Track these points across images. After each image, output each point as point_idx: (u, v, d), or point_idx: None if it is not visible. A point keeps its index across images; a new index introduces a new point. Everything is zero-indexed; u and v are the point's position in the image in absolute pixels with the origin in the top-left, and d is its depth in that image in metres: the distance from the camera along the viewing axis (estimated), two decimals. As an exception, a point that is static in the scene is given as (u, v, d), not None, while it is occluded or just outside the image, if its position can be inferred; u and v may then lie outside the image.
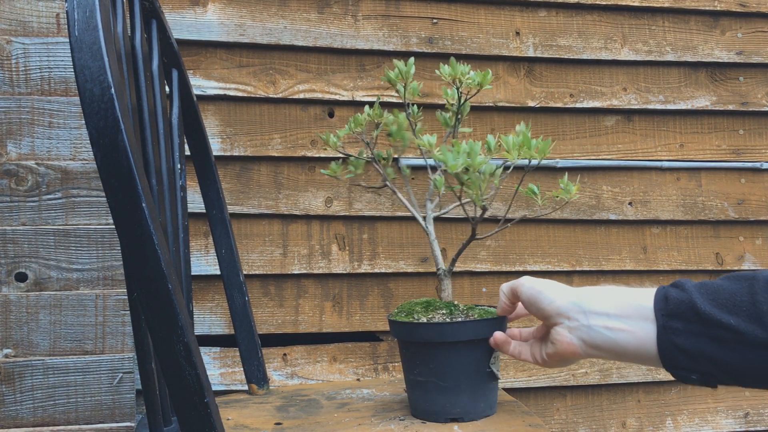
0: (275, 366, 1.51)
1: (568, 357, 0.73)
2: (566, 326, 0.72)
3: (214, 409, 0.63)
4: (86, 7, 0.60)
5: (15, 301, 1.35)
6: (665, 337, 0.63)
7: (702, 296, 0.62)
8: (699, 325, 0.62)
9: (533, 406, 1.61)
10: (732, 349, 0.60)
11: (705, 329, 0.61)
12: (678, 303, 0.63)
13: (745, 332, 0.60)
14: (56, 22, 1.39)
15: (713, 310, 0.61)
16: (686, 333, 0.62)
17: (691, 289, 0.63)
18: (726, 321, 0.60)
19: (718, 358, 0.61)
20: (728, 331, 0.60)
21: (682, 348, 0.63)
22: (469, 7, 1.59)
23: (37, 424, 1.34)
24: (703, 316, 0.61)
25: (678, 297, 0.63)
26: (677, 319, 0.63)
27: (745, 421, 1.69)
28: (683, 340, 0.63)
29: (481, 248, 1.58)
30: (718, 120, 1.70)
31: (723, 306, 0.61)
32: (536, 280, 0.78)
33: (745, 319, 0.60)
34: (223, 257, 1.13)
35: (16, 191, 1.36)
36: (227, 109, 1.50)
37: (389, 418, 0.93)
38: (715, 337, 0.61)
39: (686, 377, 0.64)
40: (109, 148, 0.58)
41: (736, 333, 0.60)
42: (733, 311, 0.60)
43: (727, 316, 0.60)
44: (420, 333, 0.88)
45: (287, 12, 1.51)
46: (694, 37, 1.68)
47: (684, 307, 0.63)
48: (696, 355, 0.62)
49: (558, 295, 0.74)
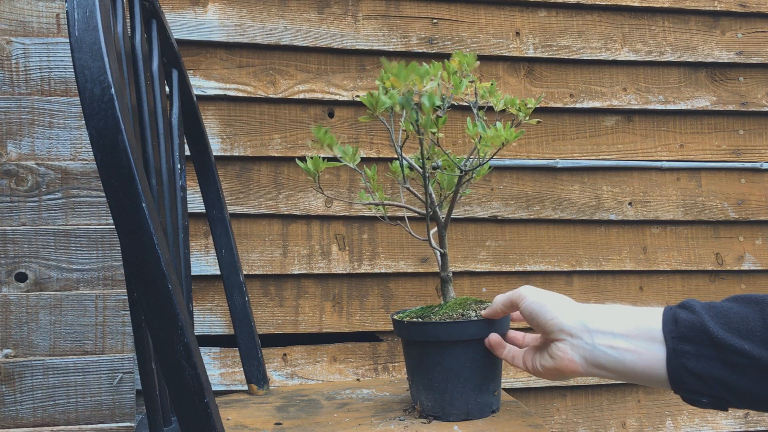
0: (275, 366, 1.51)
1: (566, 374, 0.72)
2: (569, 343, 0.70)
3: (214, 409, 0.63)
4: (86, 7, 0.60)
5: (15, 301, 1.35)
6: (675, 360, 0.63)
7: (713, 320, 0.62)
8: (711, 349, 0.61)
9: (533, 406, 1.61)
10: (745, 374, 0.60)
11: (718, 354, 0.61)
12: (689, 326, 0.63)
13: (760, 358, 0.59)
14: (56, 22, 1.39)
15: (726, 335, 0.61)
16: (698, 357, 0.62)
17: (702, 312, 0.63)
18: (740, 346, 0.60)
19: (731, 383, 0.61)
20: (742, 356, 0.60)
21: (693, 371, 0.62)
22: (469, 7, 1.59)
23: (37, 424, 1.34)
24: (716, 340, 0.61)
25: (688, 320, 0.63)
26: (688, 342, 0.63)
27: (745, 421, 1.69)
28: (694, 364, 0.62)
29: (481, 248, 1.58)
30: (718, 120, 1.70)
31: (735, 330, 0.61)
32: (538, 293, 0.77)
33: (759, 344, 0.60)
34: (223, 257, 1.13)
35: (16, 191, 1.36)
36: (227, 109, 1.50)
37: (389, 418, 0.93)
38: (727, 362, 0.61)
39: (697, 400, 0.64)
40: (109, 148, 0.58)
41: (750, 358, 0.60)
42: (747, 336, 0.60)
43: (740, 342, 0.60)
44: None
45: (287, 12, 1.51)
46: (694, 37, 1.68)
47: (695, 331, 0.62)
48: (708, 378, 0.62)
49: (561, 311, 0.72)
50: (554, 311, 0.72)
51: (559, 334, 0.71)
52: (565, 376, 0.73)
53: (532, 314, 0.75)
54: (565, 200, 1.62)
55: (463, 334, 0.87)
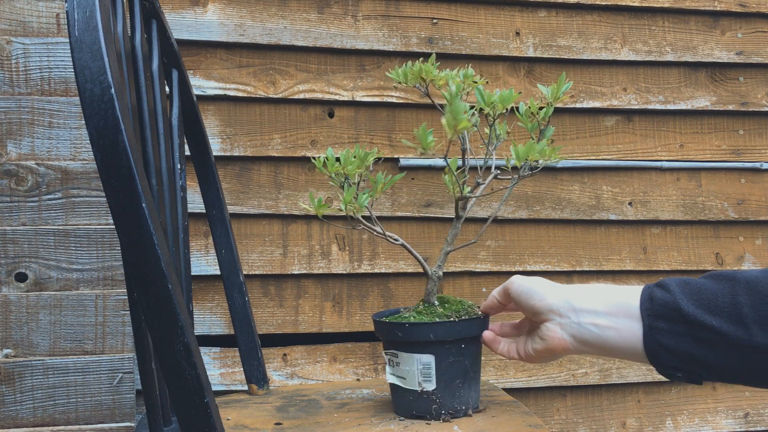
0: (275, 366, 1.51)
1: (557, 352, 0.75)
2: (557, 323, 0.74)
3: (214, 409, 0.63)
4: (86, 7, 0.60)
5: (15, 301, 1.35)
6: (651, 336, 0.66)
7: (686, 297, 0.64)
8: (683, 325, 0.64)
9: (533, 406, 1.61)
10: (715, 349, 0.63)
11: (689, 330, 0.64)
12: (663, 304, 0.65)
13: (727, 333, 0.62)
14: (56, 22, 1.39)
15: (696, 311, 0.63)
16: (671, 333, 0.65)
17: (675, 290, 0.65)
18: (708, 322, 0.63)
19: (702, 358, 0.64)
20: (711, 332, 0.63)
21: (667, 347, 0.65)
22: (469, 7, 1.59)
23: (37, 424, 1.34)
24: (687, 317, 0.64)
25: (663, 298, 0.66)
26: (662, 319, 0.65)
27: (745, 422, 1.69)
28: (668, 340, 0.65)
29: (481, 248, 1.58)
30: (718, 120, 1.70)
31: (705, 307, 0.63)
32: (527, 278, 0.80)
33: (726, 320, 0.62)
34: (223, 257, 1.13)
35: (16, 191, 1.36)
36: (227, 109, 1.50)
37: (389, 418, 0.93)
38: (698, 338, 0.63)
39: (672, 375, 0.67)
40: (109, 148, 0.58)
41: (718, 334, 0.62)
42: (716, 312, 0.63)
43: (709, 318, 0.63)
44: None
45: (287, 12, 1.51)
46: (694, 37, 1.68)
47: (669, 309, 0.65)
48: (680, 354, 0.64)
49: (549, 293, 0.75)
50: (542, 293, 0.76)
51: (548, 314, 0.74)
52: (557, 354, 0.76)
53: (521, 297, 0.78)
54: (565, 200, 1.62)
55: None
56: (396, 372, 0.91)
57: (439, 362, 0.89)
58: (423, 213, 1.56)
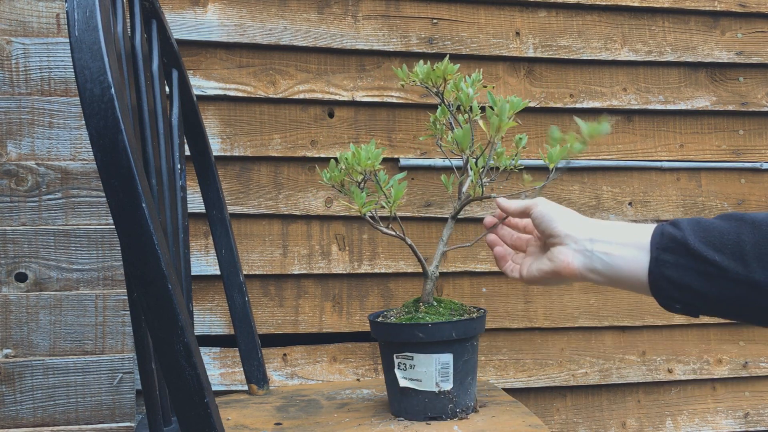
0: (275, 366, 1.51)
1: (564, 276, 0.78)
2: (571, 248, 0.77)
3: (214, 409, 0.63)
4: (86, 8, 0.60)
5: (15, 301, 1.35)
6: (656, 268, 0.69)
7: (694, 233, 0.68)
8: (688, 258, 0.67)
9: (533, 406, 1.61)
10: (715, 283, 0.66)
11: (693, 263, 0.67)
12: (671, 239, 0.69)
13: (728, 268, 0.65)
14: (56, 22, 1.39)
15: (701, 247, 0.67)
16: (675, 265, 0.68)
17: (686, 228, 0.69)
18: (711, 257, 0.66)
19: (701, 291, 0.67)
20: (713, 266, 0.66)
21: (670, 278, 0.68)
22: (469, 7, 1.59)
23: (37, 424, 1.34)
24: (693, 251, 0.67)
25: (672, 233, 0.69)
26: (669, 252, 0.69)
27: (745, 422, 1.69)
28: (672, 272, 0.68)
29: (481, 248, 1.58)
30: (718, 120, 1.70)
31: (711, 243, 0.66)
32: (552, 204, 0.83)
33: (729, 256, 0.65)
34: (223, 257, 1.13)
35: (16, 191, 1.36)
36: (227, 109, 1.50)
37: (389, 418, 0.93)
38: (700, 271, 0.67)
39: (671, 305, 0.70)
40: (109, 148, 0.58)
41: (719, 268, 0.65)
42: (720, 249, 0.66)
43: (713, 253, 0.66)
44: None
45: (287, 12, 1.51)
46: (694, 37, 1.68)
47: (676, 243, 0.68)
48: (682, 285, 0.68)
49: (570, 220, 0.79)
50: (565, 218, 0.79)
51: (565, 239, 0.78)
52: (561, 278, 0.79)
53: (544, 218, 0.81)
54: (565, 200, 1.62)
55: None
56: (409, 375, 0.91)
57: (456, 360, 0.89)
58: (423, 213, 1.56)
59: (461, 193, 1.00)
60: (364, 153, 0.91)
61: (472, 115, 0.96)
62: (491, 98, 0.94)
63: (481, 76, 0.99)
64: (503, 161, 0.95)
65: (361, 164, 0.91)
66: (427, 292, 0.96)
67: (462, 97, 0.94)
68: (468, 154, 0.94)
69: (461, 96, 0.94)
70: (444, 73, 0.97)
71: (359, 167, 0.91)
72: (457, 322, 0.89)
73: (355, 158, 0.92)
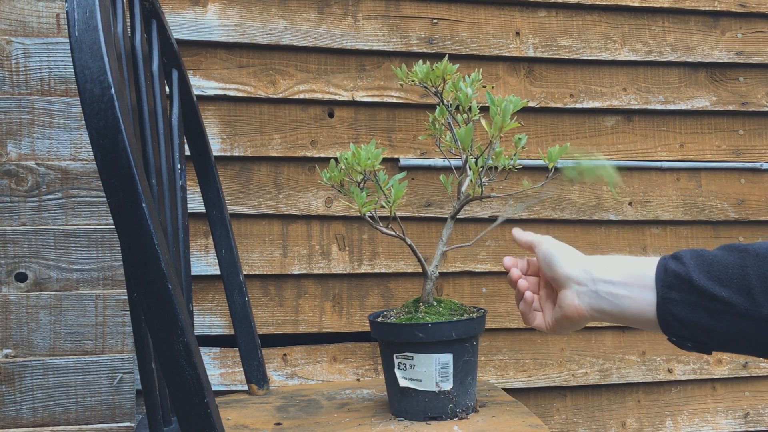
0: (275, 366, 1.51)
1: (575, 320, 0.76)
2: (575, 291, 0.75)
3: (214, 409, 0.63)
4: (86, 8, 0.60)
5: (15, 301, 1.35)
6: (663, 306, 0.68)
7: (698, 268, 0.67)
8: (694, 296, 0.66)
9: (533, 406, 1.61)
10: (723, 319, 0.65)
11: (699, 300, 0.66)
12: (675, 275, 0.68)
13: (735, 304, 0.64)
14: (56, 22, 1.39)
15: (707, 283, 0.65)
16: (682, 304, 0.67)
17: (689, 262, 0.68)
18: (718, 293, 0.65)
19: (711, 328, 0.66)
20: (720, 302, 0.65)
21: (678, 317, 0.67)
22: (469, 7, 1.59)
23: (37, 424, 1.34)
24: (698, 288, 0.66)
25: (676, 269, 0.68)
26: (675, 290, 0.67)
27: (745, 422, 1.69)
28: (679, 310, 0.67)
29: (481, 248, 1.58)
30: (718, 120, 1.70)
31: (716, 278, 0.65)
32: (554, 244, 0.82)
33: (735, 291, 0.64)
34: (223, 257, 1.13)
35: (16, 191, 1.36)
36: (227, 109, 1.50)
37: (389, 418, 0.93)
38: (708, 308, 0.65)
39: (682, 344, 0.69)
40: (109, 148, 0.58)
41: (726, 304, 0.64)
42: (725, 283, 0.65)
43: (719, 289, 0.65)
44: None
45: (287, 12, 1.51)
46: (694, 37, 1.68)
47: (681, 280, 0.67)
48: (690, 324, 0.67)
49: (570, 261, 0.77)
50: (564, 260, 0.78)
51: (567, 282, 0.76)
52: (574, 322, 0.77)
53: (545, 261, 0.80)
54: (565, 200, 1.62)
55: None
56: (409, 375, 0.91)
57: (456, 360, 0.89)
58: (423, 213, 1.56)
59: (460, 193, 1.00)
60: (364, 153, 0.91)
61: (471, 115, 0.96)
62: (489, 98, 0.94)
63: (481, 76, 0.99)
64: (502, 161, 0.95)
65: (361, 164, 0.91)
66: (427, 292, 0.96)
67: (461, 97, 0.94)
68: (468, 153, 0.94)
69: (460, 96, 0.94)
70: (443, 72, 0.97)
71: (359, 167, 0.91)
72: (457, 322, 0.89)
73: (355, 158, 0.92)
